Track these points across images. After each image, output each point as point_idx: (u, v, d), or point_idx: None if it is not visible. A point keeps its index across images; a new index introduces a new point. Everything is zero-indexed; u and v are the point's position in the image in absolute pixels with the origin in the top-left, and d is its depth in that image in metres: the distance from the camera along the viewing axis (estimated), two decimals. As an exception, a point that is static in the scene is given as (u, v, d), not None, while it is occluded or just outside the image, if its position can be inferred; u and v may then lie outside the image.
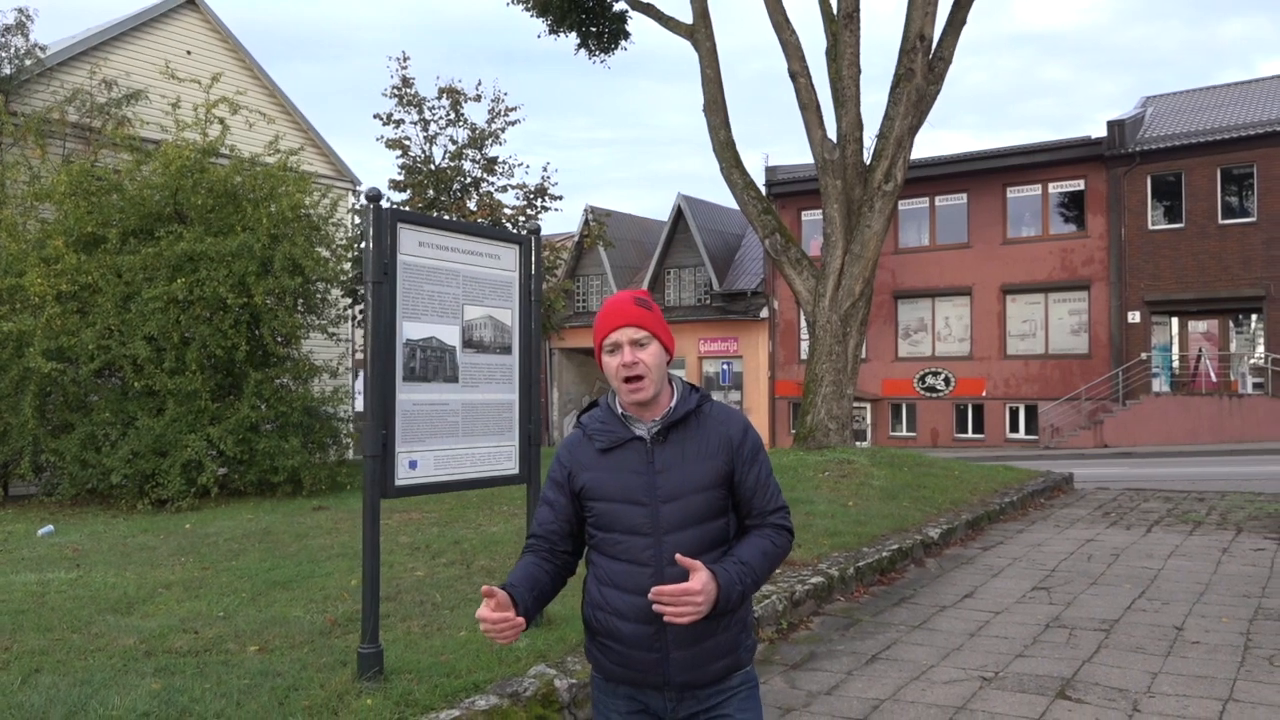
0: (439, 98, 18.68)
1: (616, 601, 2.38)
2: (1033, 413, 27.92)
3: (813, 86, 12.92)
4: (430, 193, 18.39)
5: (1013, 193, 28.65)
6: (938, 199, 29.58)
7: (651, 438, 2.41)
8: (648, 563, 2.35)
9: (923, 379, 29.65)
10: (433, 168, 18.90)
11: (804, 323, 31.30)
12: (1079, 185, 27.70)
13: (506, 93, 27.19)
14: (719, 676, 2.41)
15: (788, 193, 30.73)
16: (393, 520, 9.53)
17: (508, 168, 19.27)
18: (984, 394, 28.72)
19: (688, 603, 2.20)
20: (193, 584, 6.82)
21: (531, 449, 5.76)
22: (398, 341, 4.94)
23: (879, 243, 12.75)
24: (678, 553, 2.29)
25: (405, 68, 18.53)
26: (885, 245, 14.29)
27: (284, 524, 9.47)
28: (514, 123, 19.20)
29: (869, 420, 30.44)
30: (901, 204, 25.67)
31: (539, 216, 19.51)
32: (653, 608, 2.23)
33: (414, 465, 5.03)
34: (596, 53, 16.50)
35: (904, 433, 29.93)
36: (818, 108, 12.91)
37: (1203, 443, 24.02)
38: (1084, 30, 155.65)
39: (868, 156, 13.08)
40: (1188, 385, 26.50)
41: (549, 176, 19.38)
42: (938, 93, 13.02)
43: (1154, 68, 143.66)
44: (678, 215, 35.48)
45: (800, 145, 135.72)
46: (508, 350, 5.64)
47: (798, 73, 12.92)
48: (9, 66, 15.46)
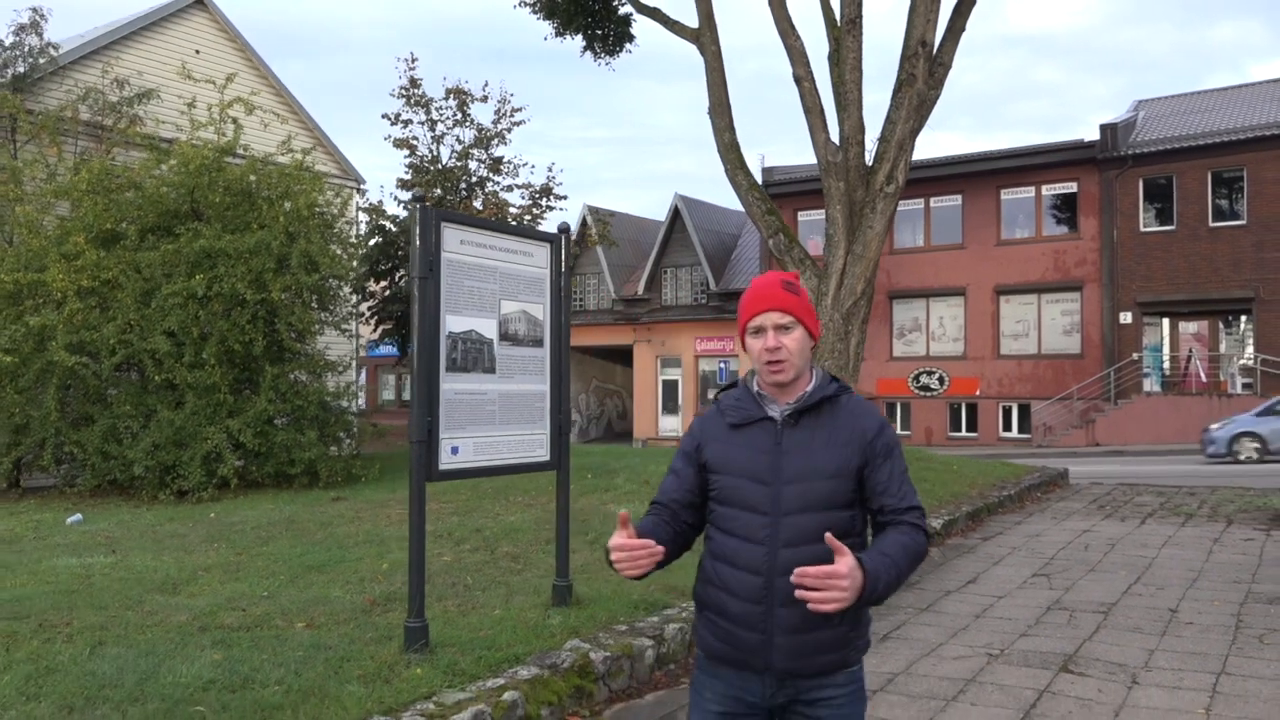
0: (446, 98, 18.98)
1: (727, 577, 2.37)
2: (1026, 412, 28.30)
3: (816, 91, 13.23)
4: (437, 192, 18.68)
5: (1007, 194, 29.03)
6: (933, 200, 29.94)
7: (783, 419, 2.40)
8: (762, 541, 2.33)
9: (917, 378, 30.01)
10: (440, 167, 19.17)
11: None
12: (1072, 187, 28.09)
13: (513, 94, 27.38)
14: (823, 670, 2.35)
15: (785, 193, 31.04)
16: (412, 510, 9.81)
17: (513, 167, 19.59)
18: (978, 393, 29.09)
19: (833, 586, 2.12)
20: (231, 567, 7.10)
21: (561, 437, 6.06)
22: (441, 334, 5.23)
23: (880, 243, 13.07)
24: (795, 535, 2.29)
25: (413, 68, 18.84)
26: (883, 246, 14.54)
27: (306, 513, 9.75)
28: (519, 123, 19.53)
29: (864, 419, 30.74)
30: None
31: (544, 216, 19.84)
32: (795, 592, 2.15)
33: (455, 451, 5.33)
34: (602, 55, 16.78)
35: (898, 431, 30.27)
36: (821, 112, 13.22)
37: (1193, 442, 24.41)
38: (1076, 32, 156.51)
39: (869, 158, 13.39)
40: (1178, 385, 26.91)
41: (554, 176, 19.71)
42: (938, 97, 13.34)
43: (1145, 70, 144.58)
44: (675, 215, 35.79)
45: (795, 145, 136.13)
46: (540, 343, 5.94)
47: (802, 77, 13.23)
48: (23, 65, 15.68)
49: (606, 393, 39.86)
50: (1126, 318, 27.16)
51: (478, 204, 18.99)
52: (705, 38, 13.96)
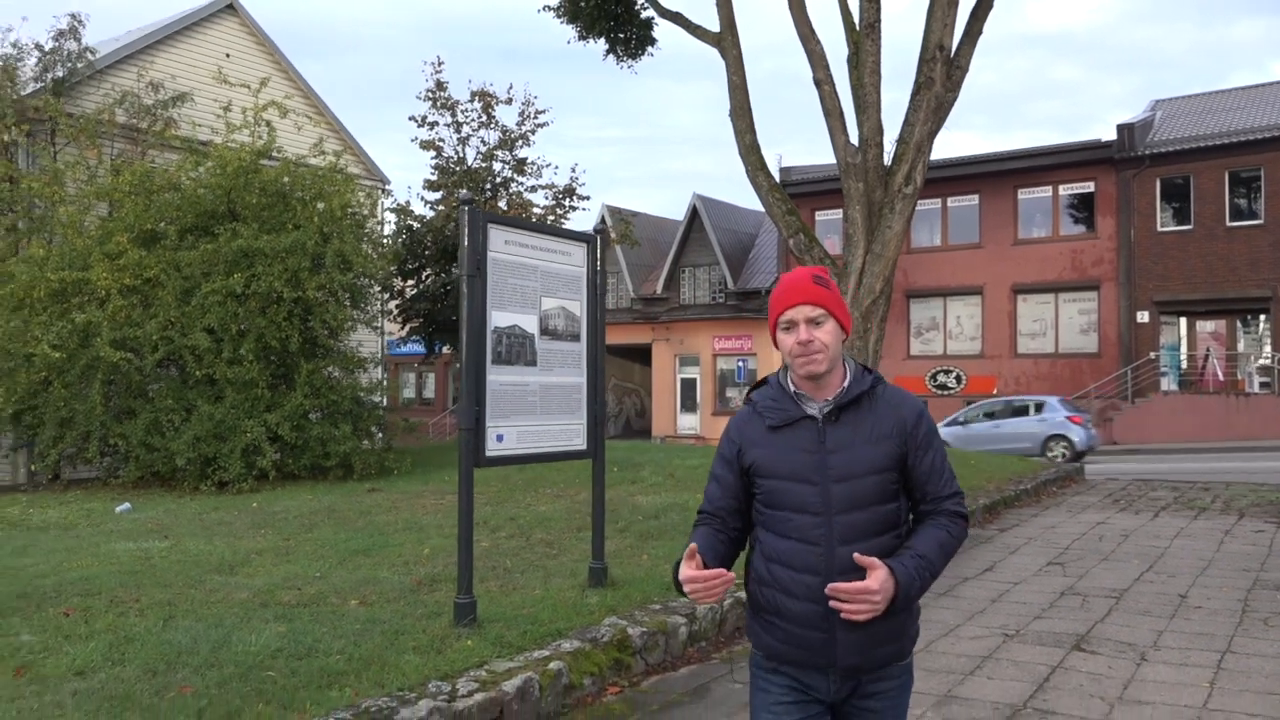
0: (471, 100, 19.35)
1: (785, 579, 2.36)
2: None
3: (836, 94, 13.50)
4: (462, 192, 18.98)
5: (1024, 194, 29.19)
6: (950, 200, 30.12)
7: (824, 417, 2.39)
8: (817, 541, 2.33)
9: (934, 377, 30.20)
10: (465, 168, 19.54)
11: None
12: (1089, 187, 28.22)
13: (536, 96, 27.76)
14: (886, 662, 2.39)
15: (803, 193, 31.24)
16: (446, 501, 10.18)
17: (536, 168, 19.96)
18: (995, 392, 29.24)
19: (865, 601, 2.21)
20: (280, 551, 7.47)
21: (597, 428, 6.39)
22: (488, 329, 5.57)
23: (899, 243, 13.33)
24: (849, 533, 2.31)
25: (439, 71, 19.23)
26: (900, 245, 14.78)
27: (345, 503, 10.12)
28: (543, 125, 19.90)
29: (881, 417, 30.94)
30: (915, 205, 26.21)
31: (567, 216, 20.19)
32: (829, 603, 2.24)
33: (500, 439, 5.67)
34: (624, 58, 17.09)
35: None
36: (841, 114, 13.49)
37: (1210, 440, 24.54)
38: (1093, 31, 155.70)
39: (887, 159, 13.66)
40: (1195, 384, 27.02)
41: (576, 177, 20.07)
42: (955, 99, 13.59)
43: (1164, 68, 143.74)
44: (693, 215, 36.07)
45: (810, 144, 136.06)
46: (577, 338, 6.27)
47: (822, 80, 13.51)
48: (62, 69, 16.12)
49: (625, 391, 40.17)
50: (1144, 317, 27.28)
51: (502, 204, 19.36)
52: (726, 42, 14.25)
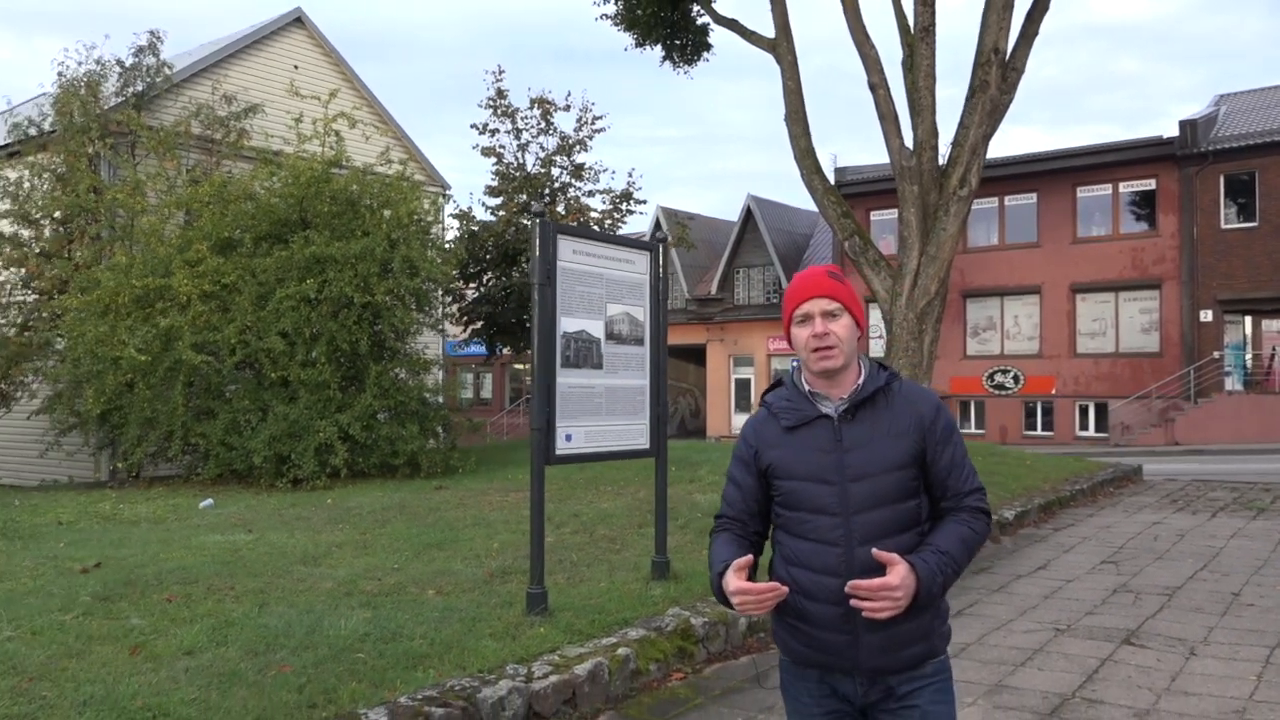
0: (531, 107, 19.80)
1: (805, 581, 2.33)
2: (1103, 411, 28.15)
3: (891, 98, 13.64)
4: (522, 197, 19.49)
5: (1083, 192, 28.89)
6: (1007, 199, 29.91)
7: (839, 415, 2.38)
8: (836, 542, 2.31)
9: (991, 377, 30.02)
10: (525, 174, 19.99)
11: (874, 321, 31.94)
12: (1150, 185, 27.87)
13: (594, 103, 28.00)
14: (911, 663, 2.35)
15: (856, 193, 31.21)
16: (510, 498, 10.56)
17: (594, 173, 20.34)
18: (1053, 392, 29.02)
19: (886, 597, 2.19)
20: (358, 545, 7.88)
21: (660, 427, 6.68)
22: (557, 334, 5.89)
23: (953, 245, 13.44)
24: (868, 533, 2.29)
25: (500, 80, 19.71)
26: (955, 245, 14.88)
27: (414, 500, 10.54)
28: (600, 130, 20.28)
29: (937, 417, 30.82)
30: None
31: (624, 220, 20.56)
32: (850, 602, 2.22)
33: (569, 438, 5.99)
34: (680, 64, 17.39)
35: (972, 430, 30.30)
36: (895, 118, 13.63)
37: (1275, 441, 24.13)
38: (1158, 21, 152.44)
39: (942, 159, 13.77)
40: (1261, 384, 26.57)
41: (634, 181, 20.43)
42: (1010, 101, 13.66)
43: (1230, 59, 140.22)
44: (747, 215, 36.22)
45: (864, 141, 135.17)
46: (641, 342, 6.57)
47: (877, 85, 13.67)
48: (141, 84, 16.83)
49: (679, 391, 40.43)
50: (1207, 316, 26.87)
51: (560, 209, 19.78)
52: (781, 47, 14.46)
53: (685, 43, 17.09)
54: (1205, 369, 26.54)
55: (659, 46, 17.16)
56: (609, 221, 20.09)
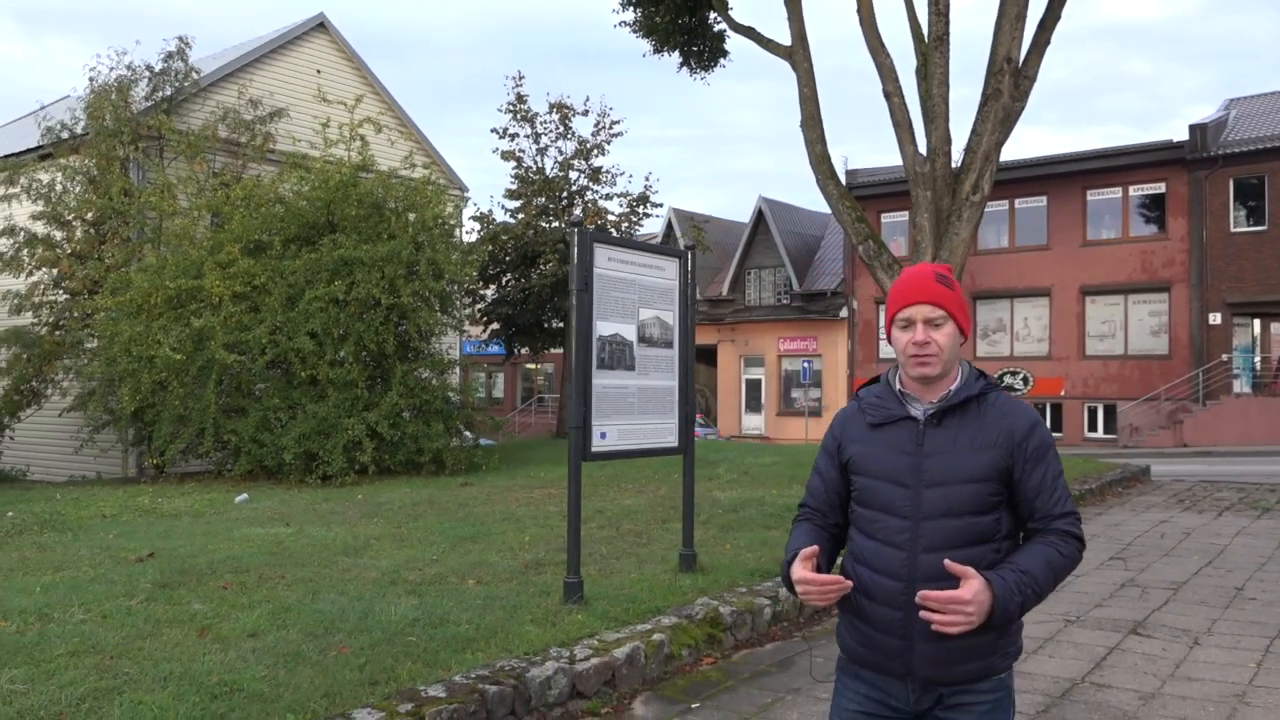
0: (550, 112, 20.14)
1: (866, 580, 2.31)
2: (1111, 412, 28.39)
3: (905, 106, 13.94)
4: (540, 200, 19.86)
5: (1093, 195, 29.13)
6: (1017, 202, 30.16)
7: (925, 419, 2.33)
8: (901, 546, 2.27)
9: (1001, 378, 30.26)
10: (544, 178, 20.32)
11: (883, 322, 32.15)
12: (1160, 188, 28.09)
13: (612, 108, 28.27)
14: (969, 678, 2.27)
15: (868, 195, 31.44)
16: (536, 495, 10.89)
17: (611, 177, 20.66)
18: (1062, 393, 29.25)
19: (957, 611, 2.10)
20: (396, 538, 8.21)
21: (688, 426, 7.00)
22: (593, 337, 6.21)
23: (966, 249, 13.74)
24: (935, 540, 2.23)
25: (520, 85, 20.05)
26: (966, 248, 15.14)
27: (443, 496, 10.88)
28: (617, 135, 20.60)
29: (947, 418, 31.09)
30: (982, 207, 26.40)
31: (640, 223, 20.87)
32: (920, 612, 2.15)
33: (604, 436, 6.31)
34: (697, 70, 17.71)
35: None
36: (910, 125, 13.93)
37: (1284, 443, 24.33)
38: (1169, 22, 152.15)
39: (955, 161, 14.06)
40: (1269, 386, 26.77)
41: (650, 185, 20.77)
42: (1023, 109, 13.94)
43: (1242, 59, 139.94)
44: (758, 217, 36.51)
45: (876, 141, 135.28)
46: (670, 345, 6.89)
47: (891, 93, 13.97)
48: (170, 88, 17.21)
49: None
50: (1216, 318, 27.09)
51: (578, 212, 20.11)
52: (798, 55, 14.77)
53: (702, 49, 17.41)
54: (1214, 371, 26.76)
55: (676, 53, 17.48)
56: (625, 224, 20.44)
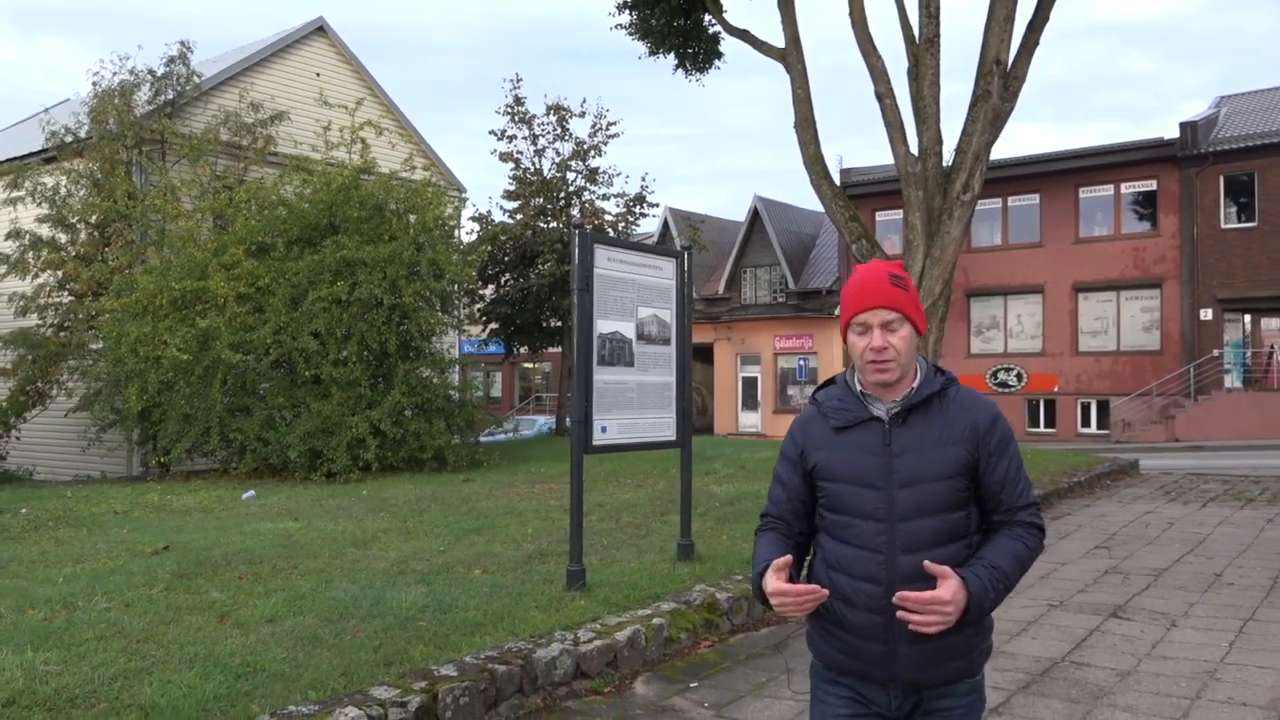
0: (547, 114, 20.39)
1: (844, 586, 2.27)
2: (1104, 408, 28.67)
3: (897, 107, 14.19)
4: (538, 201, 20.11)
5: (1085, 193, 29.40)
6: (1010, 199, 30.43)
7: (890, 419, 2.30)
8: (879, 549, 2.24)
9: (995, 375, 30.54)
10: (541, 179, 20.57)
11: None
12: (1151, 185, 28.37)
13: (608, 109, 28.55)
14: (948, 679, 2.28)
15: (861, 194, 31.68)
16: (537, 489, 11.14)
17: (608, 178, 20.92)
18: (1055, 389, 29.53)
19: (936, 611, 2.11)
20: (401, 531, 8.46)
21: (685, 420, 7.25)
22: (594, 335, 6.46)
23: (957, 247, 13.99)
24: (913, 541, 2.22)
25: (518, 88, 20.31)
26: (959, 245, 15.38)
27: (445, 491, 11.13)
28: (614, 136, 20.86)
29: (942, 414, 31.36)
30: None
31: (637, 223, 21.12)
32: (897, 613, 2.15)
33: (605, 430, 6.56)
34: (692, 72, 17.94)
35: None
36: (901, 126, 14.18)
37: (1273, 437, 24.63)
38: (1167, 19, 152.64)
39: (947, 159, 14.31)
40: (1260, 381, 27.07)
41: (647, 185, 21.03)
42: (1012, 109, 14.18)
43: (1240, 56, 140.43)
44: (754, 216, 36.76)
45: (869, 139, 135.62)
46: (668, 342, 7.14)
47: (883, 94, 14.22)
48: (172, 92, 17.43)
49: (687, 389, 40.94)
50: (1207, 314, 27.37)
51: (575, 212, 20.35)
52: (792, 57, 15.01)
53: (698, 51, 17.64)
54: (1205, 367, 27.04)
55: (672, 55, 17.70)
56: (622, 224, 20.70)
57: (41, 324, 16.50)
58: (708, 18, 17.18)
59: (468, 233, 19.14)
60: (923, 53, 14.09)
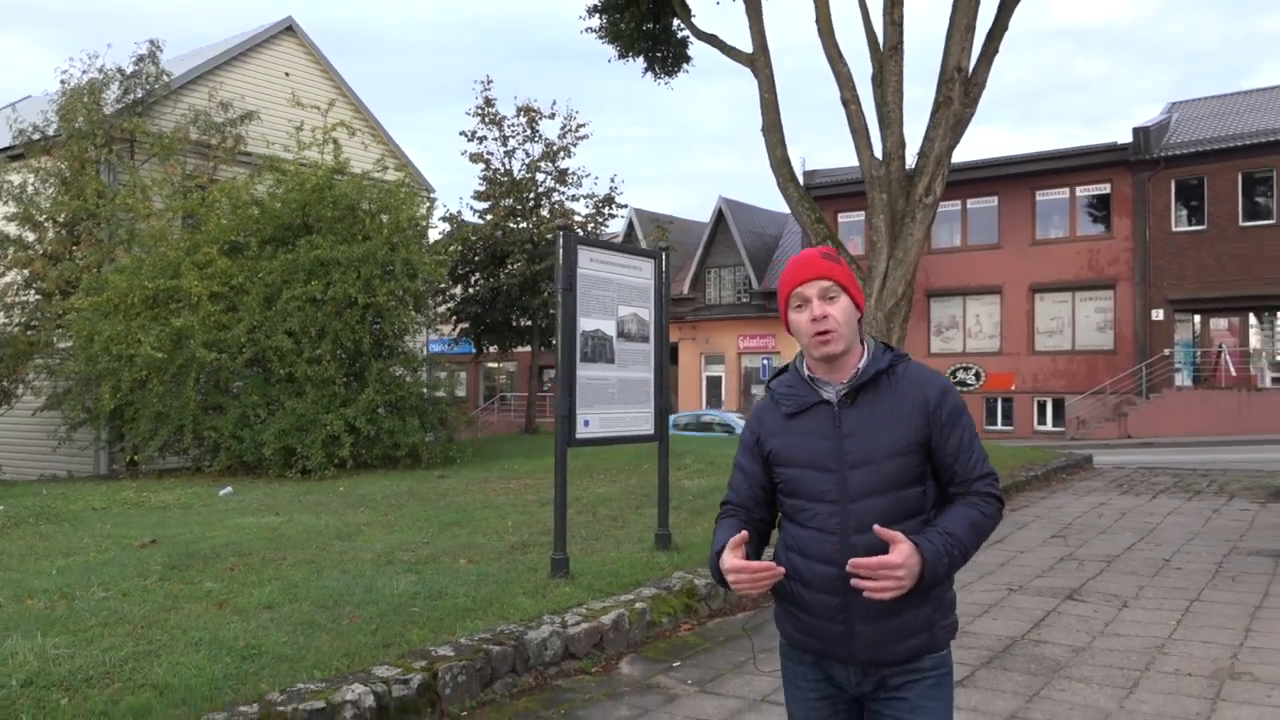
0: (518, 115, 20.58)
1: (802, 569, 2.30)
2: (1060, 406, 29.38)
3: (862, 112, 14.56)
4: (508, 202, 20.29)
5: (1041, 196, 30.10)
6: (969, 202, 31.05)
7: (839, 400, 2.31)
8: (833, 530, 2.26)
9: (954, 374, 31.15)
10: (511, 179, 20.75)
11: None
12: (1105, 189, 29.11)
13: (578, 110, 28.74)
14: (908, 656, 2.28)
15: (826, 195, 32.15)
16: (512, 485, 11.36)
17: (577, 178, 21.15)
18: (1013, 388, 30.20)
19: (888, 576, 2.11)
20: (384, 524, 8.65)
21: (662, 415, 7.53)
22: (577, 333, 6.71)
23: (920, 249, 14.40)
24: (866, 521, 2.22)
25: (488, 89, 20.48)
26: (919, 247, 15.78)
27: (422, 487, 11.31)
28: (584, 138, 21.10)
29: (903, 412, 31.95)
30: (935, 208, 27.18)
31: (605, 224, 21.37)
32: (851, 581, 2.15)
33: (587, 424, 6.82)
34: (661, 75, 18.23)
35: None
36: (866, 132, 14.56)
37: (1222, 434, 25.41)
38: (1121, 24, 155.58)
39: (910, 161, 14.72)
40: (1209, 379, 27.89)
41: (616, 187, 21.30)
42: (973, 115, 14.62)
43: (1192, 60, 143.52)
44: (718, 217, 37.16)
45: (830, 140, 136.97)
46: (646, 339, 7.42)
47: (849, 100, 14.59)
48: (141, 90, 17.42)
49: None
50: (1158, 315, 28.15)
51: (545, 213, 20.57)
52: (759, 62, 15.34)
53: (666, 55, 17.94)
54: (1156, 366, 27.82)
55: (641, 59, 17.98)
56: (591, 225, 20.94)
57: (8, 323, 16.44)
58: (676, 22, 17.49)
59: (439, 233, 19.31)
60: (887, 60, 14.48)
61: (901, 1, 14.43)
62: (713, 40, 16.22)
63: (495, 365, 44.49)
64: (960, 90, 14.13)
